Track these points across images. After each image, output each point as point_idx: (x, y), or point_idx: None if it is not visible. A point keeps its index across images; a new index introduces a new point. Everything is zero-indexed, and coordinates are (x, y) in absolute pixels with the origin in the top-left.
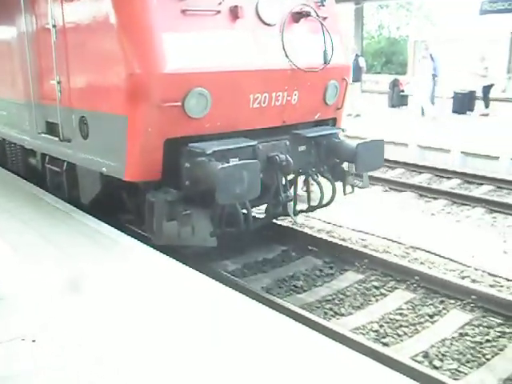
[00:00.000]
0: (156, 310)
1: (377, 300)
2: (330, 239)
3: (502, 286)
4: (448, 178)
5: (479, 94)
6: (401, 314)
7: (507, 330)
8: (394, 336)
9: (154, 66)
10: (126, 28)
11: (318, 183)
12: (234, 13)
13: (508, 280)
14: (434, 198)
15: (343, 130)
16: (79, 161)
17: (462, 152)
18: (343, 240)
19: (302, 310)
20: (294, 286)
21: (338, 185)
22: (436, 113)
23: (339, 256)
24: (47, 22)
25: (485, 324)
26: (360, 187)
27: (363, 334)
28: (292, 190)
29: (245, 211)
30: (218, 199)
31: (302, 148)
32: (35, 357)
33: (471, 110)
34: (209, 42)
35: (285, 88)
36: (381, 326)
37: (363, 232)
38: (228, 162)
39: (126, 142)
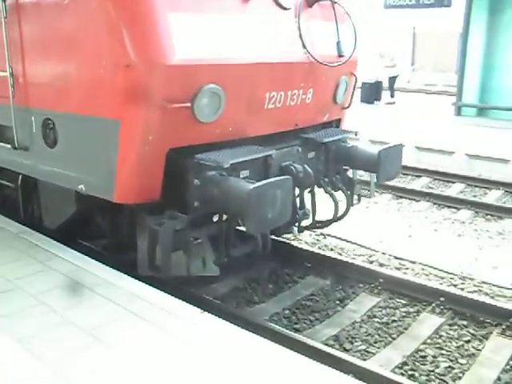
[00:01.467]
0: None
1: (289, 287)
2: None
3: (407, 269)
4: None
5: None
6: (312, 300)
7: (411, 310)
8: (306, 322)
9: (158, 55)
10: (119, 4)
11: (332, 195)
12: None
13: (412, 262)
14: None
15: (356, 134)
16: (42, 175)
17: (369, 140)
18: None
19: (216, 300)
20: (205, 276)
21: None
22: None
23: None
24: None
25: (391, 305)
26: (367, 197)
27: (275, 321)
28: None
29: None
30: (249, 228)
31: (311, 155)
32: None
33: (378, 99)
34: (220, 26)
35: (301, 85)
36: (293, 313)
37: None
38: (238, 176)
39: (117, 153)
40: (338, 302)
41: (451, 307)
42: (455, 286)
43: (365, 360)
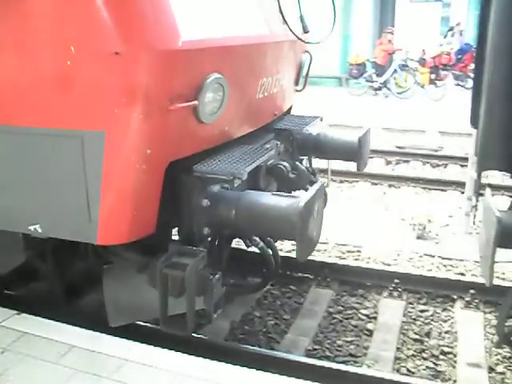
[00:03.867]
0: None
1: None
2: None
3: None
4: None
5: None
6: None
7: None
8: None
9: (159, 36)
10: None
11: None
12: None
13: None
14: None
15: (321, 119)
16: None
17: None
18: None
19: None
20: None
21: None
22: None
23: None
24: None
25: None
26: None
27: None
28: None
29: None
30: (302, 254)
31: (281, 148)
32: None
33: None
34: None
35: (283, 68)
36: None
37: None
38: (233, 186)
39: (100, 178)
40: None
41: None
42: None
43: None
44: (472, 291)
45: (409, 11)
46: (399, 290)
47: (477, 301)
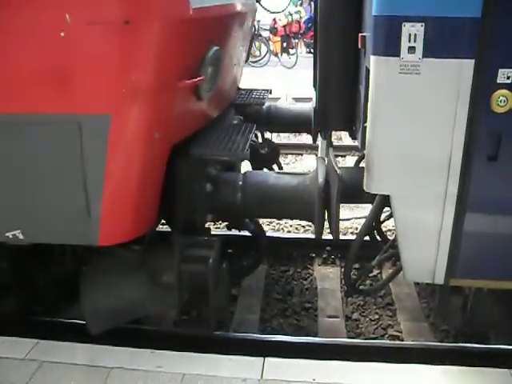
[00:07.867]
0: None
1: None
2: None
3: None
4: None
5: None
6: None
7: None
8: None
9: (171, 3)
10: None
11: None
12: None
13: None
14: None
15: (270, 92)
16: None
17: None
18: None
19: None
20: None
21: None
22: None
23: None
24: None
25: None
26: None
27: None
28: None
29: None
30: (319, 233)
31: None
32: None
33: None
34: None
35: (246, 38)
36: None
37: None
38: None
39: (103, 169)
40: None
41: None
42: None
43: None
44: (328, 248)
45: None
46: None
47: (333, 257)
